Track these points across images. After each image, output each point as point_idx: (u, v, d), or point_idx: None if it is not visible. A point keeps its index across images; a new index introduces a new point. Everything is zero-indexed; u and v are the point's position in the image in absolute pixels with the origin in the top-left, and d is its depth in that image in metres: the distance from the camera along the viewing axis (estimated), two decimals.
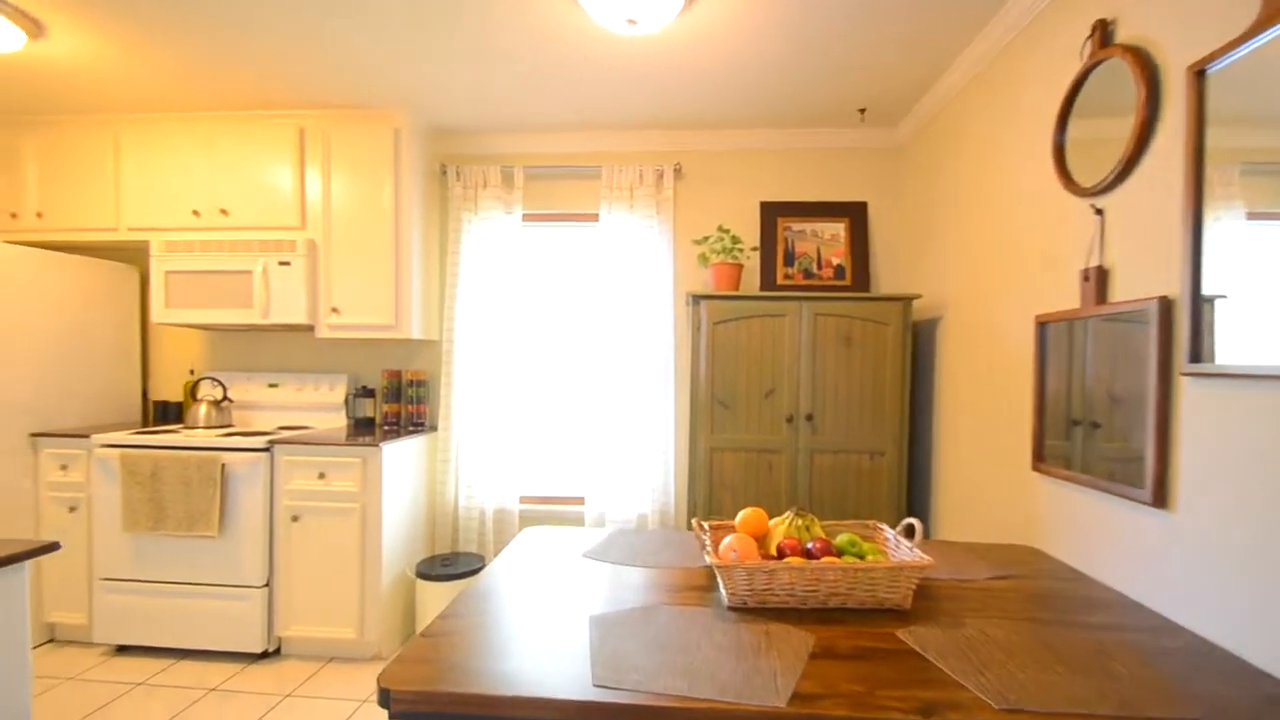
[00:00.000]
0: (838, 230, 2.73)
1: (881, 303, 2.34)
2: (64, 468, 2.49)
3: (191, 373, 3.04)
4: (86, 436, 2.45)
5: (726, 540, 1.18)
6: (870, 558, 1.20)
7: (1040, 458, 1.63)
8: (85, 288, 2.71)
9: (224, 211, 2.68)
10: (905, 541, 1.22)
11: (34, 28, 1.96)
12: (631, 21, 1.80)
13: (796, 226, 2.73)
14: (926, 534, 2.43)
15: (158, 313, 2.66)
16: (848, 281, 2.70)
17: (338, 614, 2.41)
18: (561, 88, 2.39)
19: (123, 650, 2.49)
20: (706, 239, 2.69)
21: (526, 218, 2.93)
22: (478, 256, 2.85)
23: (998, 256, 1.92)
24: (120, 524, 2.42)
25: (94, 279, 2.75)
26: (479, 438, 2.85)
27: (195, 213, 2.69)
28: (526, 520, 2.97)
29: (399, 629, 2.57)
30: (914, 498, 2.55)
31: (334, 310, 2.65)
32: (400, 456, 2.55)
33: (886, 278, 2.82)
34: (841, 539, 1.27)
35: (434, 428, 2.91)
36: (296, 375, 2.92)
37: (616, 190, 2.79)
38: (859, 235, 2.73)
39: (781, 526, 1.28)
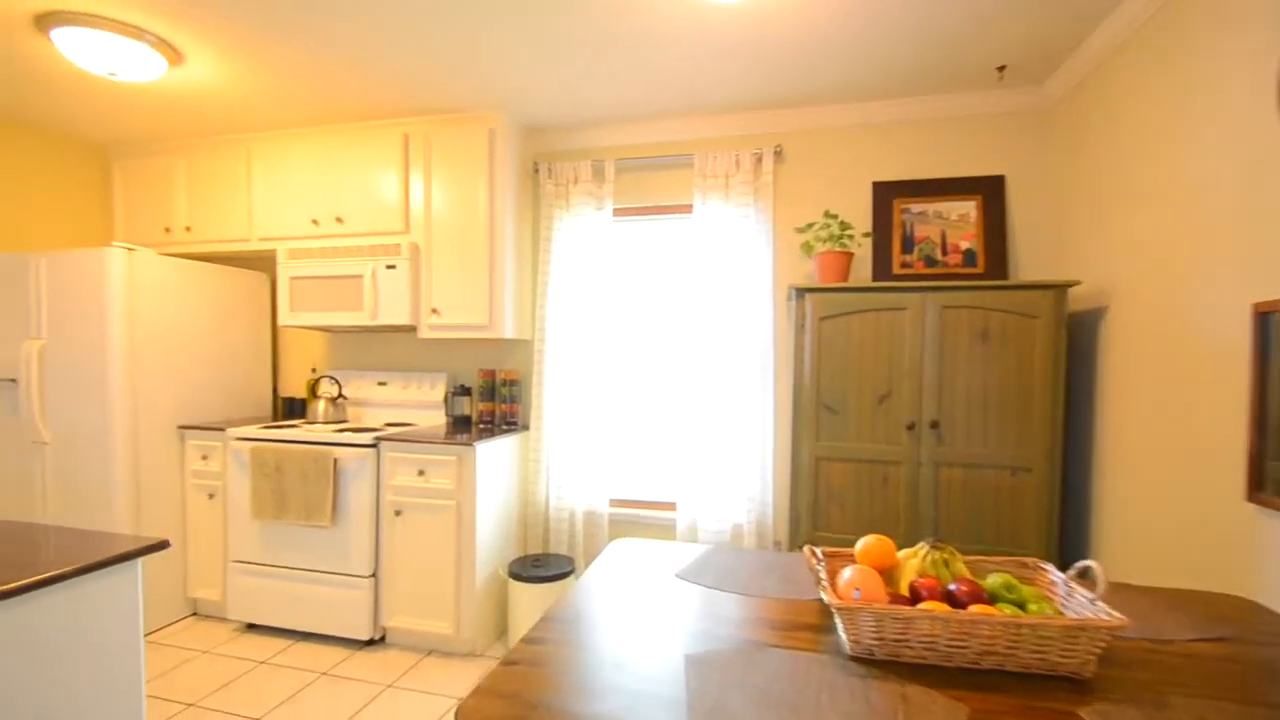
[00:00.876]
0: (967, 210, 2.38)
1: (1028, 292, 1.99)
2: (205, 458, 2.74)
3: (313, 371, 3.27)
4: (222, 430, 2.68)
5: (846, 574, 0.99)
6: (1034, 607, 0.95)
7: (1259, 485, 1.27)
8: (224, 294, 2.98)
9: (339, 219, 2.83)
10: (1081, 589, 0.96)
11: (174, 55, 2.15)
12: None
13: (916, 208, 2.42)
14: None
15: (284, 316, 2.87)
16: (979, 268, 2.35)
17: (436, 608, 2.46)
18: (655, 71, 2.27)
19: (251, 628, 2.70)
20: (810, 226, 2.46)
21: (617, 212, 2.85)
22: (569, 254, 2.81)
23: (1193, 232, 1.54)
24: (249, 511, 2.62)
25: (231, 286, 3.02)
26: (569, 438, 2.81)
27: (314, 221, 2.87)
28: (616, 524, 2.88)
29: (492, 627, 2.58)
30: (1068, 525, 2.16)
31: (434, 311, 2.71)
32: (493, 456, 2.56)
33: (1028, 262, 2.42)
34: (994, 581, 1.03)
35: (526, 427, 2.90)
36: (402, 374, 3.04)
37: (711, 178, 2.63)
38: (993, 214, 2.37)
39: (914, 560, 1.07)
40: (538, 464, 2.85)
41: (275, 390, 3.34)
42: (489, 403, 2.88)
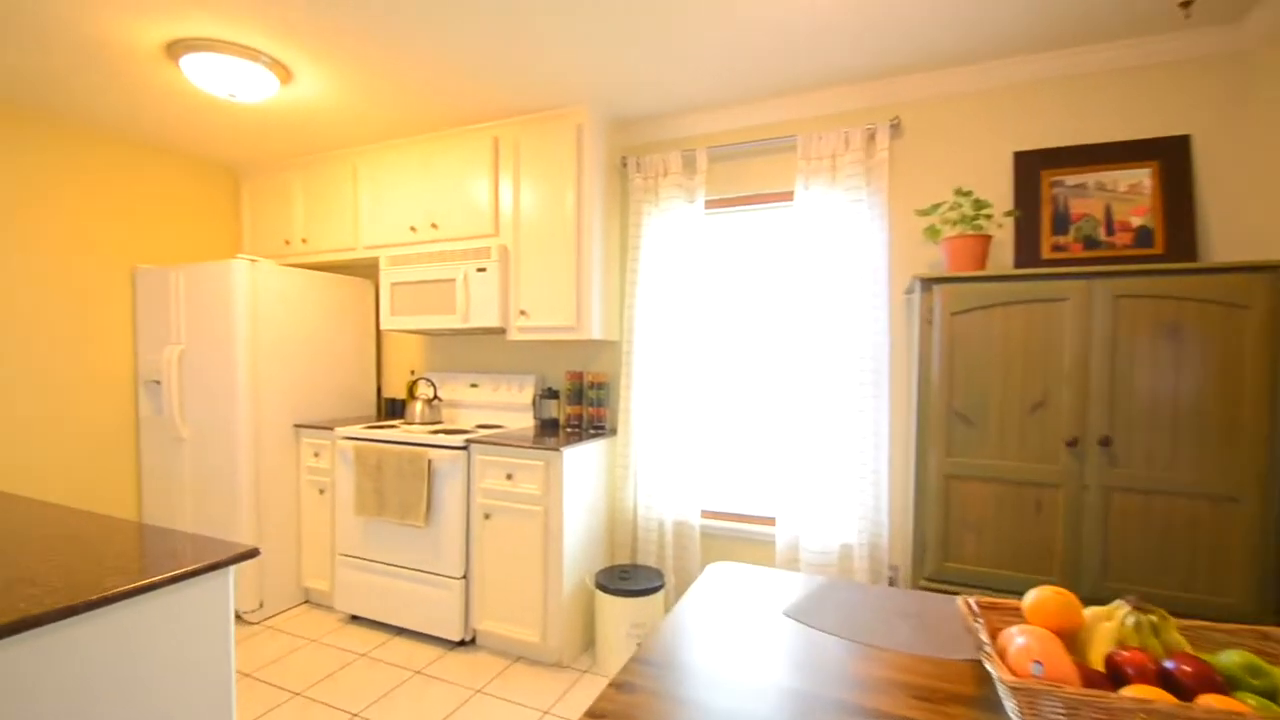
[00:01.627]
0: (1139, 179, 1.97)
1: (1234, 275, 1.58)
2: (316, 455, 2.89)
3: (412, 373, 3.38)
4: (331, 429, 2.81)
5: (1018, 639, 0.76)
6: None
7: None
8: (334, 300, 3.15)
9: (435, 225, 2.89)
10: None
11: (284, 74, 2.26)
12: None
13: (1072, 180, 2.04)
14: None
15: (385, 320, 2.97)
16: (1156, 248, 1.93)
17: (523, 615, 2.41)
18: (750, 47, 2.08)
19: (354, 619, 2.81)
20: (936, 207, 2.15)
21: (710, 204, 2.68)
22: (658, 250, 2.67)
23: None
24: (353, 508, 2.72)
25: (340, 293, 3.18)
26: (659, 444, 2.67)
27: (412, 228, 2.95)
28: (708, 537, 2.70)
29: (579, 637, 2.50)
30: None
31: (522, 313, 2.68)
32: (581, 461, 2.47)
33: (1224, 240, 1.96)
34: (1230, 659, 0.75)
35: (613, 431, 2.80)
36: (492, 376, 3.06)
37: (815, 161, 2.38)
38: (1175, 183, 1.94)
39: (1109, 624, 0.81)
40: (625, 470, 2.73)
41: (379, 391, 3.49)
42: (576, 406, 2.81)
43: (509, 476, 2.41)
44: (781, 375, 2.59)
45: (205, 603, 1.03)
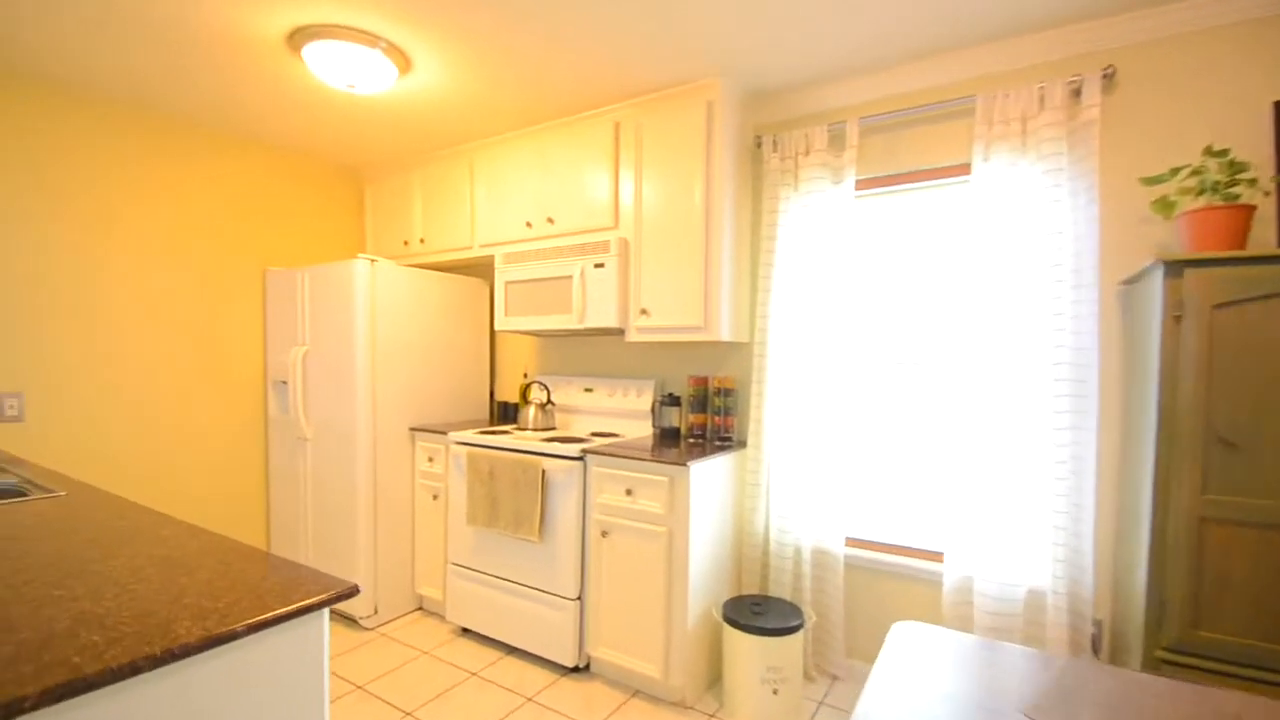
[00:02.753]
0: None
1: None
2: (430, 459, 2.87)
3: (525, 376, 3.31)
4: (444, 433, 2.78)
5: None
6: None
7: None
8: (449, 300, 3.14)
9: (551, 220, 2.79)
10: None
11: (403, 61, 2.24)
12: None
13: None
14: None
15: (499, 321, 2.91)
16: None
17: (643, 645, 2.21)
18: None
19: (466, 632, 2.74)
20: (1175, 173, 1.71)
21: (861, 184, 2.36)
22: (797, 240, 2.40)
23: None
24: (465, 516, 2.66)
25: (455, 293, 3.18)
26: (795, 460, 2.38)
27: (528, 224, 2.87)
28: (854, 570, 2.37)
29: (703, 675, 2.26)
30: None
31: (643, 312, 2.50)
32: (708, 477, 2.24)
33: None
34: None
35: (742, 444, 2.54)
36: (608, 380, 2.91)
37: (999, 125, 2.01)
38: None
39: None
40: (756, 488, 2.47)
41: (492, 394, 3.46)
42: (700, 414, 2.59)
43: (628, 492, 2.22)
44: (951, 385, 2.23)
45: (294, 652, 0.86)
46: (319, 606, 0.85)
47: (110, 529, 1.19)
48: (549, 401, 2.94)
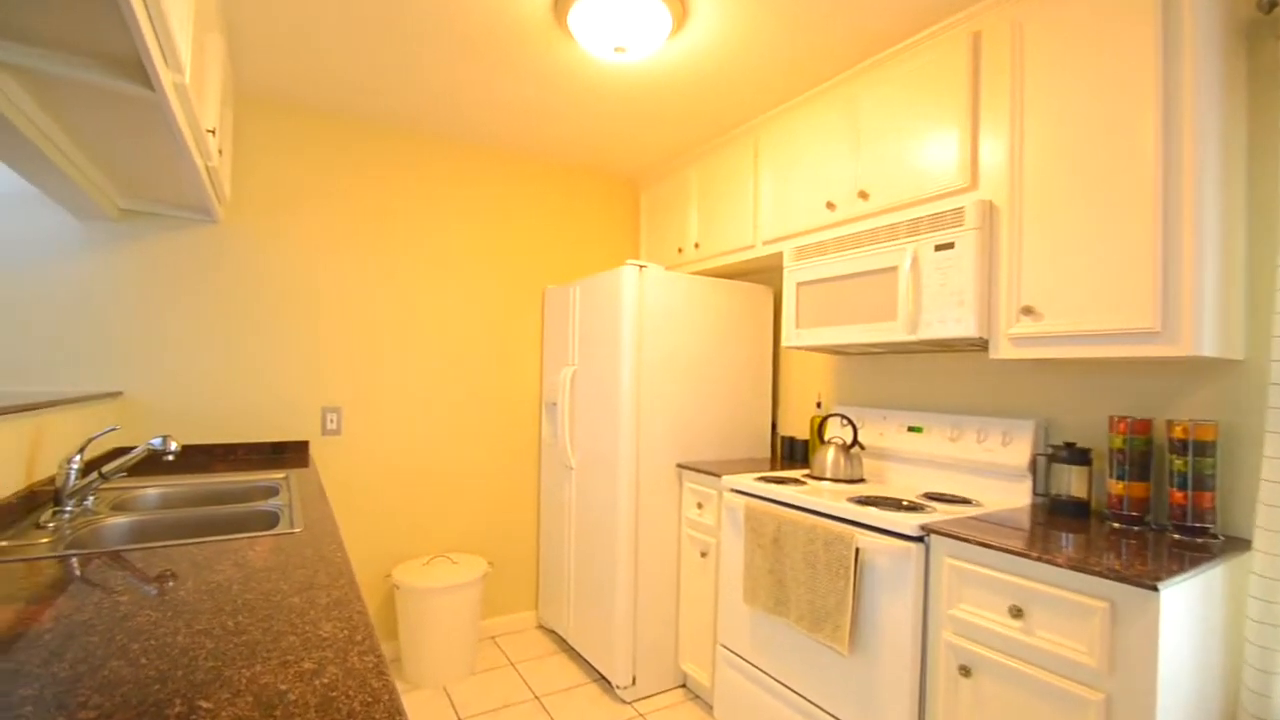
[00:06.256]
0: None
1: None
2: (699, 505, 2.42)
3: (818, 405, 2.67)
4: (718, 476, 2.29)
5: None
6: None
7: None
8: (724, 311, 2.69)
9: (863, 195, 2.13)
10: None
11: (679, 9, 1.85)
12: None
13: None
14: None
15: (788, 335, 2.34)
16: None
17: None
18: None
19: None
20: None
21: None
22: None
23: None
24: (740, 591, 2.12)
25: (731, 301, 2.71)
26: None
27: (829, 205, 2.26)
28: None
29: None
30: None
31: (1025, 312, 1.65)
32: (1188, 608, 1.27)
33: None
34: None
35: (1241, 542, 1.45)
36: (951, 417, 2.07)
37: None
38: None
39: None
40: (1262, 627, 1.37)
41: (773, 427, 2.89)
42: (1140, 481, 1.58)
43: (1015, 612, 1.39)
44: None
45: None
46: None
47: (271, 604, 0.93)
48: (855, 442, 2.24)
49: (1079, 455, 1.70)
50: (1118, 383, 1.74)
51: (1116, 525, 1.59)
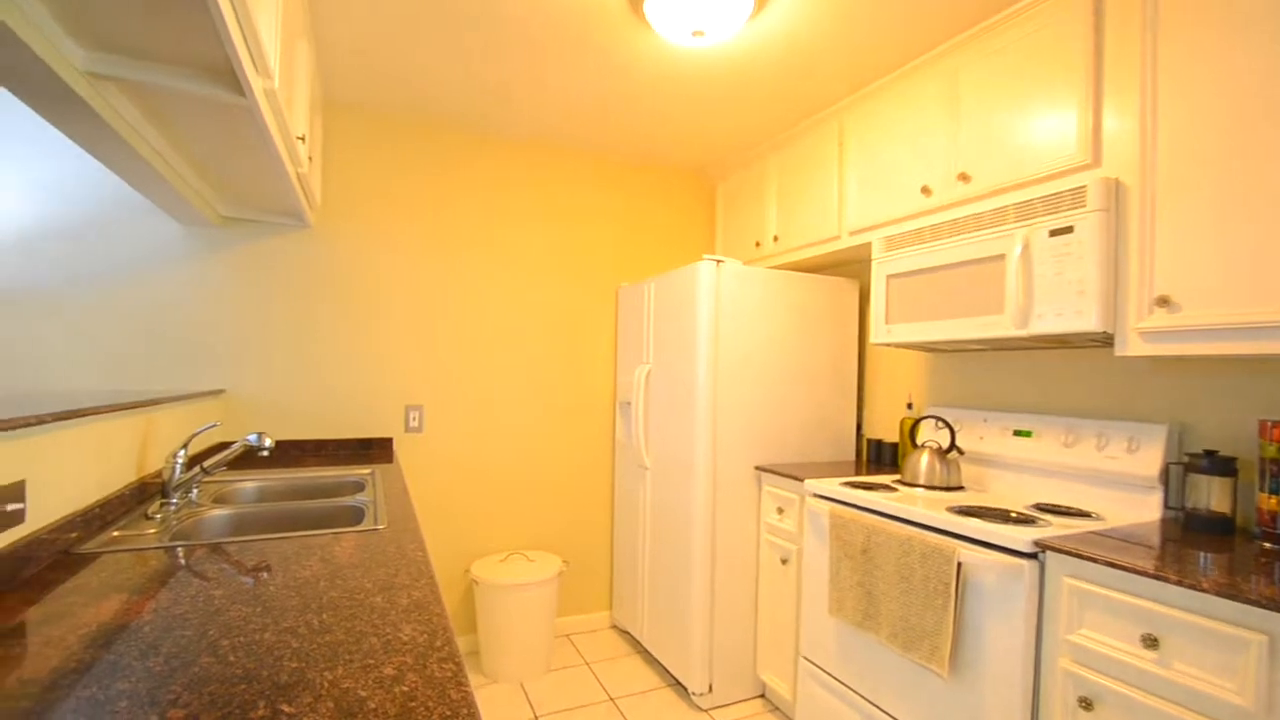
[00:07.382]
0: None
1: None
2: (780, 510, 2.33)
3: (908, 407, 2.51)
4: (800, 480, 2.20)
5: None
6: None
7: None
8: (806, 306, 2.58)
9: (963, 177, 1.97)
10: None
11: None
12: None
13: None
14: None
15: (876, 331, 2.21)
16: None
17: None
18: None
19: None
20: None
21: None
22: None
23: None
24: (825, 602, 2.02)
25: (813, 295, 2.59)
26: None
27: (925, 190, 2.11)
28: None
29: None
30: None
31: (1160, 303, 1.47)
32: None
33: None
34: None
35: None
36: (1064, 420, 1.89)
37: None
38: None
39: None
40: None
41: (859, 428, 2.75)
42: None
43: (1149, 641, 1.23)
44: None
45: None
46: None
47: (354, 600, 0.94)
48: (952, 445, 2.09)
49: (1222, 465, 1.50)
50: (1267, 383, 1.52)
51: (1268, 545, 1.39)
